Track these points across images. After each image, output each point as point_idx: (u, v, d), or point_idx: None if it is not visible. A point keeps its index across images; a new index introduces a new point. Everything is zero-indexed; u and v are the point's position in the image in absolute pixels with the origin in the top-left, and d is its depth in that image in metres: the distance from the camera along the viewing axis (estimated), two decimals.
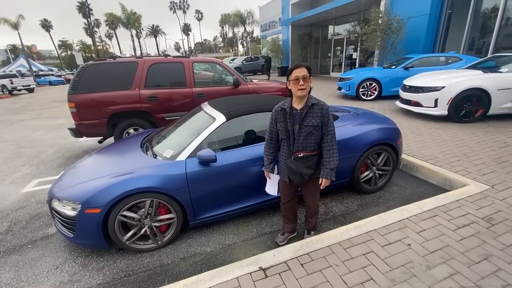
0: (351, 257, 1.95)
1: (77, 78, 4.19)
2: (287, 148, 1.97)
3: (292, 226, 2.37)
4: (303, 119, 1.86)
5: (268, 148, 2.09)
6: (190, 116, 3.06)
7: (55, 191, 2.26)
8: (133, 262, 2.24)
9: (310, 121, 1.85)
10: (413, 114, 5.97)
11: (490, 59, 5.85)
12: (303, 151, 1.92)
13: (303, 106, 1.86)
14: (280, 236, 2.39)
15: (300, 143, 1.91)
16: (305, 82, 1.78)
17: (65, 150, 5.31)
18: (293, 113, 1.89)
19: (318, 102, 1.87)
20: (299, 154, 1.93)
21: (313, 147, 1.93)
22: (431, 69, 7.14)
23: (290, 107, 1.89)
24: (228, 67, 5.26)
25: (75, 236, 2.14)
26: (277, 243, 2.34)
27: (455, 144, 4.06)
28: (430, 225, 2.24)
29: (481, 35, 8.98)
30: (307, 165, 1.94)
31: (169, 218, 2.32)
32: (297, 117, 1.87)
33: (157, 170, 2.25)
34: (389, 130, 3.03)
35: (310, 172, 1.96)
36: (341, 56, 15.69)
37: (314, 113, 1.85)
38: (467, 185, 2.87)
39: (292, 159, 1.95)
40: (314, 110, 1.86)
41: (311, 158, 1.94)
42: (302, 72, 1.78)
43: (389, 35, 10.04)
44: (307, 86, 1.79)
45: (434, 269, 1.80)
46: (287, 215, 2.32)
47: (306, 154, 1.93)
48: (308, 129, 1.87)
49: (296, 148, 1.93)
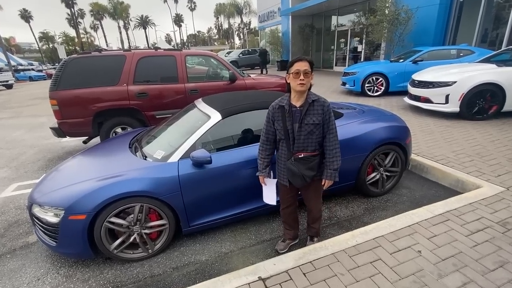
0: (357, 265, 1.94)
1: (59, 73, 4.16)
2: (287, 149, 1.95)
3: (293, 233, 2.36)
4: (304, 117, 1.85)
5: (263, 150, 2.06)
6: (182, 114, 3.05)
7: (36, 196, 2.24)
8: (122, 272, 2.22)
9: (311, 119, 1.85)
10: (423, 111, 6.00)
11: (504, 51, 5.89)
12: (304, 152, 1.92)
13: (303, 103, 1.85)
14: (280, 243, 2.37)
15: (300, 143, 1.90)
16: (306, 77, 1.77)
17: (46, 151, 5.27)
18: (292, 111, 1.87)
19: (319, 99, 1.87)
20: (299, 155, 1.92)
21: (314, 146, 1.93)
22: (441, 63, 7.17)
23: (289, 104, 1.88)
24: (223, 60, 5.25)
25: (58, 244, 2.12)
26: (277, 251, 2.33)
27: (467, 143, 4.08)
28: (441, 230, 2.25)
29: (495, 26, 9.05)
30: (309, 166, 1.93)
31: (160, 225, 2.30)
32: (297, 115, 1.86)
33: (147, 172, 2.24)
34: (398, 129, 3.04)
35: (312, 173, 1.95)
36: (345, 49, 15.74)
37: (315, 111, 1.85)
38: (480, 187, 2.88)
39: (293, 161, 1.93)
40: (315, 107, 1.85)
41: (312, 159, 1.93)
42: (304, 66, 1.77)
43: (396, 26, 10.09)
44: (307, 81, 1.79)
45: (446, 277, 1.80)
46: (287, 221, 2.31)
47: (307, 155, 1.92)
48: (309, 128, 1.86)
49: (297, 149, 1.92)
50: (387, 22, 10.23)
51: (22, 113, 9.29)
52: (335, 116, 2.94)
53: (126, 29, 57.91)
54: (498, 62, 5.44)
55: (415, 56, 7.74)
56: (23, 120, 8.19)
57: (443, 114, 5.58)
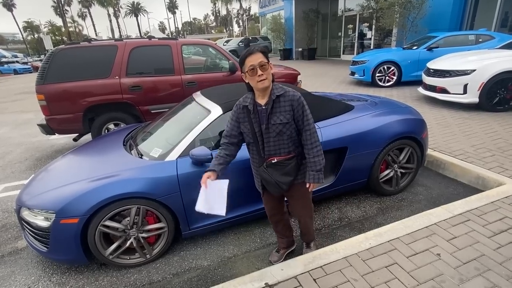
0: (371, 270, 1.94)
1: (46, 65, 4.14)
2: (257, 153, 1.85)
3: (287, 241, 2.31)
4: (269, 116, 1.73)
5: (224, 149, 1.88)
6: (180, 109, 3.03)
7: (25, 199, 2.24)
8: (118, 279, 2.22)
9: (278, 118, 1.72)
10: (438, 103, 5.96)
11: None
12: (277, 156, 1.81)
13: (268, 100, 1.73)
14: (274, 254, 2.31)
15: (271, 146, 1.79)
16: (263, 70, 1.63)
17: (34, 149, 5.28)
18: (258, 110, 1.76)
19: (285, 93, 1.72)
20: (272, 160, 1.81)
21: (288, 149, 1.81)
22: (459, 50, 7.09)
23: (253, 104, 1.76)
24: (223, 50, 5.21)
25: (50, 250, 2.12)
26: (271, 262, 2.26)
27: (488, 136, 4.05)
28: (462, 232, 2.23)
29: None
30: (284, 171, 1.82)
31: (158, 228, 2.30)
32: (263, 114, 1.74)
33: (143, 172, 2.23)
34: (413, 122, 3.01)
35: (289, 179, 1.84)
36: (353, 35, 15.61)
37: (282, 108, 1.72)
38: (503, 184, 2.86)
39: (265, 167, 1.83)
40: (281, 104, 1.72)
41: (287, 163, 1.82)
42: (257, 58, 1.62)
43: (409, 10, 9.96)
44: (267, 74, 1.65)
45: (468, 282, 1.79)
46: (277, 230, 2.25)
47: (281, 159, 1.81)
48: (277, 128, 1.73)
49: (268, 153, 1.81)
50: (399, 6, 10.10)
51: (7, 109, 9.29)
52: (345, 109, 2.92)
53: (117, 17, 57.67)
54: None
55: (430, 43, 7.66)
56: (8, 116, 8.19)
57: (461, 106, 5.54)
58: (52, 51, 4.23)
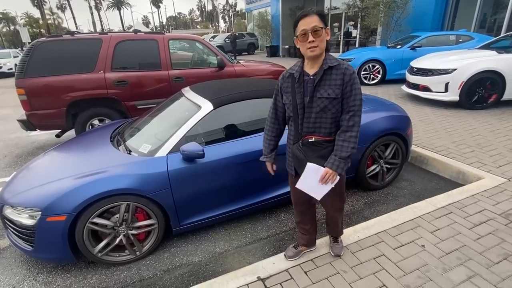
0: (360, 262, 2.00)
1: (26, 58, 3.98)
2: (295, 129, 1.69)
3: (308, 238, 2.06)
4: (315, 88, 1.56)
5: (269, 130, 1.80)
6: (169, 104, 3.00)
7: (7, 197, 2.16)
8: (107, 277, 2.19)
9: (326, 92, 1.54)
10: (421, 100, 6.14)
11: (504, 38, 6.08)
12: (315, 135, 1.63)
13: (318, 70, 1.56)
14: (291, 249, 2.07)
15: (311, 123, 1.61)
16: (316, 36, 1.45)
17: (13, 146, 5.08)
18: (304, 80, 1.59)
19: (338, 65, 1.54)
20: (309, 138, 1.64)
21: (329, 129, 1.62)
22: (440, 49, 7.32)
23: (301, 72, 1.60)
24: (210, 45, 5.17)
25: (35, 249, 2.06)
26: (285, 256, 2.05)
27: (467, 133, 4.22)
28: (444, 224, 2.33)
29: (494, 11, 9.30)
30: (320, 154, 1.62)
31: (148, 225, 2.28)
32: (309, 85, 1.57)
33: (132, 168, 2.20)
34: (398, 118, 3.10)
35: (323, 163, 1.62)
36: (339, 34, 15.78)
37: (332, 80, 1.53)
38: (482, 178, 3.00)
39: (300, 145, 1.67)
40: (333, 76, 1.53)
41: (325, 145, 1.63)
42: (312, 22, 1.45)
43: (393, 10, 10.18)
44: (319, 42, 1.47)
45: (451, 271, 1.88)
46: (302, 221, 2.01)
47: (320, 139, 1.63)
48: (322, 103, 1.55)
49: (306, 130, 1.63)
50: (383, 6, 10.30)
51: None
52: None
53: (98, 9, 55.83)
54: (498, 48, 5.60)
55: (413, 42, 7.87)
56: None
57: (442, 103, 5.73)
58: (33, 44, 4.06)
